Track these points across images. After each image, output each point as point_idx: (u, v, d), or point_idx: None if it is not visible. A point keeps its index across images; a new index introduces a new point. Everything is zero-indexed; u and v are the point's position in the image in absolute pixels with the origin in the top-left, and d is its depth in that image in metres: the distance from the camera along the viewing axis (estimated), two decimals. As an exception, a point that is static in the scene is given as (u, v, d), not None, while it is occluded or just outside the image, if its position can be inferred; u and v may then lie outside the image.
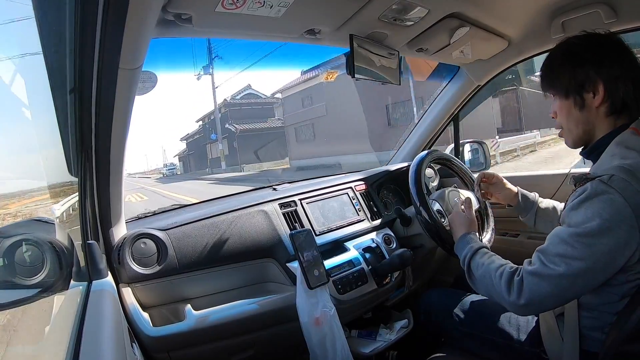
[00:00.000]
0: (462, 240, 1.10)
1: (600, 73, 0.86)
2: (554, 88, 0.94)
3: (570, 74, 0.89)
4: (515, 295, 0.86)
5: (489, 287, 0.94)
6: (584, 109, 0.90)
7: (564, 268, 0.80)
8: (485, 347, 1.13)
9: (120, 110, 0.85)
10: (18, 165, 1.17)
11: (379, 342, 1.37)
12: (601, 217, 0.77)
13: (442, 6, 1.16)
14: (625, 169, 0.78)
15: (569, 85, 0.90)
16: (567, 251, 0.80)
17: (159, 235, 1.17)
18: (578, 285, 0.81)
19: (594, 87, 0.87)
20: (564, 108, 0.93)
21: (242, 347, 1.19)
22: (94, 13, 0.64)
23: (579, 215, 0.80)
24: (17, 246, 0.69)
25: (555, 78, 0.93)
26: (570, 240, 0.80)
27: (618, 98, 0.87)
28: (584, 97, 0.89)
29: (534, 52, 1.54)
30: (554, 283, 0.81)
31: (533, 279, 0.84)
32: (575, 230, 0.80)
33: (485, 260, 0.98)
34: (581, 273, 0.79)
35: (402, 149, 2.04)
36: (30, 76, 0.84)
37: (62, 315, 0.94)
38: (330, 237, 1.40)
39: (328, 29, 1.14)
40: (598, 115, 0.89)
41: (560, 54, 0.93)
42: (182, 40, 1.05)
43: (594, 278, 0.80)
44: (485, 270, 0.95)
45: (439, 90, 1.89)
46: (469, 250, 1.04)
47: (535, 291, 0.83)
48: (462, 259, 1.05)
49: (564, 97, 0.92)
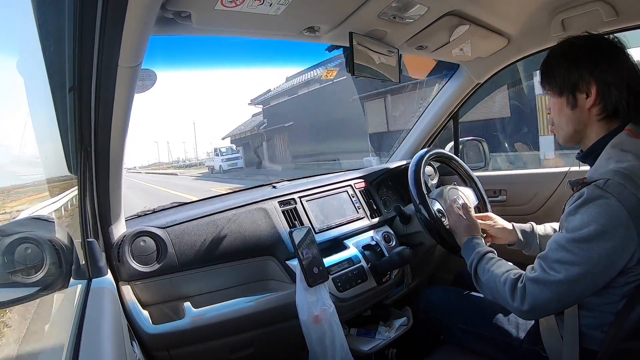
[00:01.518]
0: (467, 245, 1.10)
1: (594, 75, 0.87)
2: (550, 85, 0.95)
3: (565, 73, 0.91)
4: (518, 302, 0.88)
5: (494, 292, 0.95)
6: (576, 109, 0.91)
7: (564, 274, 0.81)
8: (485, 344, 1.13)
9: (120, 108, 0.85)
10: (18, 164, 1.17)
11: (378, 339, 1.38)
12: (597, 222, 0.77)
13: (442, 4, 1.15)
14: (621, 173, 0.79)
15: (563, 83, 0.91)
16: (565, 257, 0.81)
17: (159, 233, 1.17)
18: (578, 290, 0.82)
19: (587, 88, 0.88)
20: (557, 105, 0.95)
21: (242, 344, 1.19)
22: (93, 11, 0.64)
23: (576, 220, 0.81)
24: (17, 244, 0.69)
25: (551, 75, 0.94)
26: (568, 246, 0.81)
27: (610, 103, 0.87)
28: (577, 97, 0.90)
29: (533, 50, 1.54)
30: (555, 289, 0.82)
31: (535, 286, 0.85)
32: (573, 235, 0.81)
33: (491, 266, 0.99)
34: (580, 278, 0.80)
35: (401, 147, 2.04)
36: (30, 74, 0.83)
37: (62, 313, 0.94)
38: (329, 234, 1.40)
39: (327, 27, 1.14)
40: (590, 116, 0.90)
41: (559, 52, 0.94)
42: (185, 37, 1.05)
43: (593, 282, 0.81)
44: (491, 276, 0.97)
45: (439, 88, 1.89)
46: (475, 256, 1.04)
47: (537, 297, 0.85)
48: (469, 264, 1.06)
49: (558, 94, 0.93)
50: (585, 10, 1.23)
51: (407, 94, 9.07)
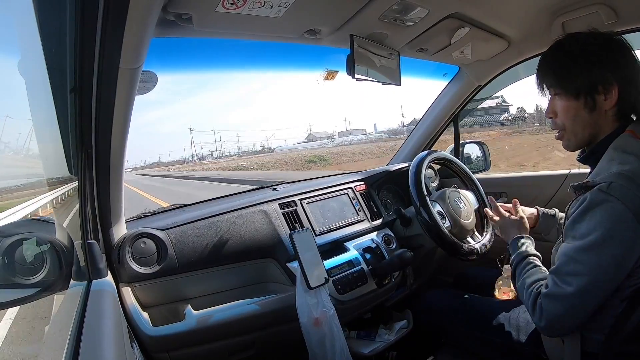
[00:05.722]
0: (513, 245, 1.06)
1: (616, 75, 0.83)
2: (562, 86, 0.89)
3: (586, 74, 0.85)
4: (537, 317, 0.86)
5: (523, 299, 0.93)
6: (594, 112, 0.86)
7: (575, 286, 0.79)
8: (485, 347, 1.13)
9: (121, 109, 0.85)
10: (18, 165, 1.17)
11: (379, 342, 1.37)
12: (604, 227, 0.76)
13: (443, 7, 1.16)
14: (624, 175, 0.78)
15: (581, 85, 0.86)
16: (576, 269, 0.80)
17: (159, 235, 1.17)
18: (590, 301, 0.80)
19: (607, 89, 0.84)
20: (572, 109, 0.88)
21: (242, 347, 1.19)
22: (95, 12, 0.64)
23: (582, 227, 0.80)
24: (17, 245, 0.69)
25: (566, 76, 0.88)
26: (577, 256, 0.80)
27: (628, 103, 0.85)
28: (596, 98, 0.85)
29: (534, 53, 1.54)
30: (567, 303, 0.81)
31: (548, 301, 0.83)
32: (581, 243, 0.79)
33: (525, 272, 0.95)
34: (590, 288, 0.79)
35: (402, 150, 2.04)
36: (31, 76, 0.83)
37: (62, 315, 0.94)
38: (330, 237, 1.40)
39: (328, 29, 1.15)
40: (606, 118, 0.87)
41: (573, 50, 0.88)
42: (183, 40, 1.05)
43: (604, 289, 0.79)
44: (522, 284, 0.94)
45: (440, 90, 1.89)
46: (516, 258, 1.01)
47: (551, 313, 0.83)
48: (511, 264, 1.02)
49: (574, 97, 0.87)
50: (586, 13, 1.23)
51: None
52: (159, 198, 11.44)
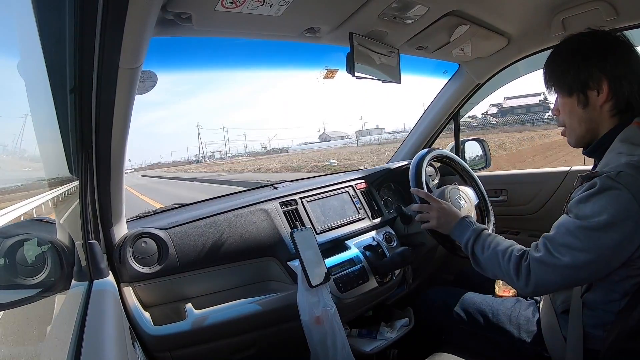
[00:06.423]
0: (461, 223, 1.09)
1: (604, 71, 0.85)
2: (558, 85, 0.93)
3: (574, 71, 0.89)
4: (523, 281, 0.88)
5: (495, 269, 0.95)
6: (588, 107, 0.89)
7: (569, 259, 0.81)
8: (486, 345, 1.13)
9: (121, 109, 0.85)
10: (18, 166, 1.17)
11: (380, 340, 1.37)
12: (608, 212, 0.78)
13: (442, 4, 1.15)
14: (633, 165, 0.79)
15: (572, 82, 0.89)
16: (573, 243, 0.81)
17: (160, 235, 1.17)
18: (582, 276, 0.84)
19: (598, 85, 0.86)
20: (567, 105, 0.92)
21: (243, 346, 1.19)
22: (94, 12, 0.64)
23: (587, 208, 0.81)
24: (18, 246, 0.69)
25: (560, 75, 0.92)
26: (577, 233, 0.81)
27: (622, 97, 0.86)
28: (588, 95, 0.88)
29: (533, 50, 1.54)
30: (560, 272, 0.83)
31: (540, 267, 0.86)
32: (583, 223, 0.81)
33: (491, 242, 0.99)
34: (585, 265, 0.81)
35: (402, 147, 2.04)
36: (31, 76, 0.83)
37: (64, 315, 0.94)
38: (331, 235, 1.40)
39: (328, 28, 1.14)
40: (602, 114, 0.89)
41: (565, 50, 0.92)
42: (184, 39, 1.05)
43: (597, 270, 0.82)
44: (492, 253, 0.96)
45: (440, 88, 1.89)
46: (472, 233, 1.03)
47: (541, 278, 0.86)
48: (465, 242, 1.05)
49: (568, 94, 0.91)
50: (586, 10, 1.23)
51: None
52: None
